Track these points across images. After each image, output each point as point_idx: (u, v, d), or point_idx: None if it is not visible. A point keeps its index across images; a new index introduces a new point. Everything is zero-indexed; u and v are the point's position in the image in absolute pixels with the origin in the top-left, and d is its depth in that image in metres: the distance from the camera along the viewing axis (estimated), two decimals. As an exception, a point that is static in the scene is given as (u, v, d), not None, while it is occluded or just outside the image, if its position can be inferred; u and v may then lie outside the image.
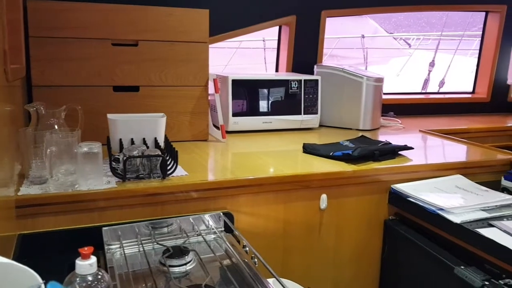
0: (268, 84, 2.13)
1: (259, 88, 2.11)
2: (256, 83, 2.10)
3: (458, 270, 1.28)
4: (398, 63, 6.04)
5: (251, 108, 2.09)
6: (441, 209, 1.42)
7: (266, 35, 4.52)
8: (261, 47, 4.21)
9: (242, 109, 2.07)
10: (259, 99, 2.11)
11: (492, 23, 2.85)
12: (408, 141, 2.04)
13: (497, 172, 1.78)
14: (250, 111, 2.09)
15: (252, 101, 2.10)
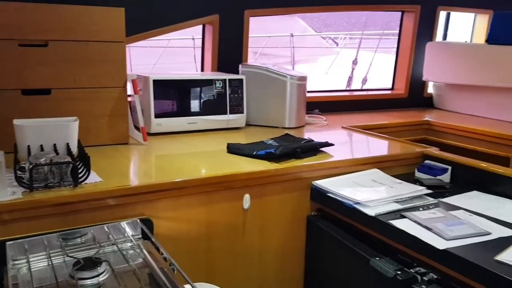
0: (193, 84, 2.09)
1: (183, 88, 2.07)
2: (179, 83, 2.06)
3: (373, 262, 1.33)
4: (326, 62, 6.24)
5: (175, 109, 2.05)
6: (358, 203, 1.47)
7: (196, 34, 4.45)
8: (191, 46, 4.17)
9: (166, 110, 2.02)
10: (183, 100, 2.07)
11: (408, 22, 3.00)
12: (331, 137, 2.09)
13: (411, 165, 1.87)
14: (174, 112, 2.05)
15: (176, 101, 2.06)
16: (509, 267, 1.10)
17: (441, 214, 1.41)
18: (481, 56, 2.73)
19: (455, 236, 1.25)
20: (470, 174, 1.74)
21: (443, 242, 1.23)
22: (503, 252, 1.17)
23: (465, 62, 2.80)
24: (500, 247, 1.20)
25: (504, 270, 1.09)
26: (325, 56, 6.56)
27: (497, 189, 1.64)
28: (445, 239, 1.24)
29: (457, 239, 1.25)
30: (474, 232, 1.28)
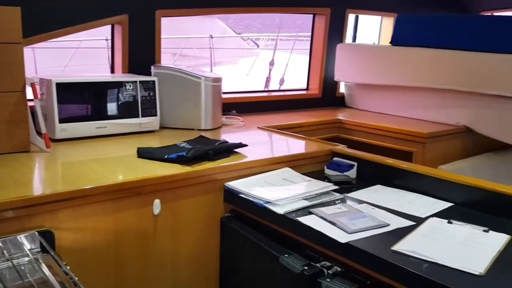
0: (101, 86, 2.01)
1: (90, 91, 1.98)
2: (87, 86, 1.98)
3: (282, 259, 1.36)
4: (247, 63, 6.31)
5: (83, 113, 1.96)
6: (268, 202, 1.50)
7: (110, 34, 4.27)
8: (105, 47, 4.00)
9: (72, 115, 1.92)
10: (91, 103, 1.99)
11: (319, 24, 3.12)
12: (247, 138, 2.11)
13: (321, 162, 1.94)
14: (82, 116, 1.95)
15: (84, 105, 1.97)
16: (403, 256, 1.18)
17: (345, 209, 1.48)
18: (386, 57, 2.90)
19: (357, 229, 1.32)
20: (374, 169, 1.84)
21: (345, 236, 1.28)
22: (399, 242, 1.24)
23: (373, 62, 2.96)
24: (397, 238, 1.28)
25: (399, 258, 1.16)
26: (246, 58, 6.63)
27: (399, 182, 1.75)
28: (347, 232, 1.30)
29: (359, 232, 1.31)
30: (374, 225, 1.36)
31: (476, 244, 1.24)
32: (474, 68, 2.48)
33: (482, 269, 1.10)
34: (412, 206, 1.54)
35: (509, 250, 1.22)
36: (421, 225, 1.37)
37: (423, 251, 1.18)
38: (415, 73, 2.71)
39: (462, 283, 1.05)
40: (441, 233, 1.31)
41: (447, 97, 2.63)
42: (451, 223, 1.38)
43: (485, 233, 1.31)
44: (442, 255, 1.16)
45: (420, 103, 2.77)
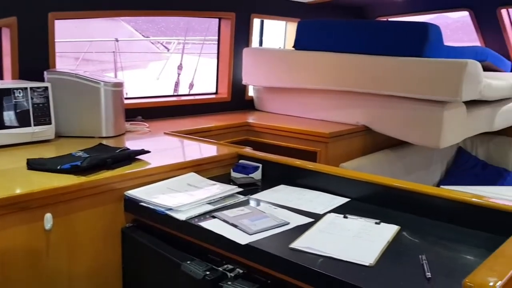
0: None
1: (-28, 100, 1.80)
2: (-32, 94, 1.80)
3: (184, 266, 1.33)
4: (157, 67, 6.18)
5: (-36, 123, 1.78)
6: (170, 208, 1.46)
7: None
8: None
9: (-49, 126, 1.74)
10: (-25, 113, 1.81)
11: (225, 29, 3.13)
12: (151, 144, 2.06)
13: (228, 165, 1.94)
14: (-37, 127, 1.77)
15: (-35, 115, 1.78)
16: (300, 253, 1.20)
17: (248, 210, 1.48)
18: (290, 61, 2.98)
19: (258, 230, 1.32)
20: (279, 170, 1.87)
21: (246, 237, 1.29)
22: (297, 240, 1.27)
23: (278, 66, 3.03)
24: (296, 235, 1.31)
25: (296, 255, 1.19)
26: (155, 62, 6.48)
27: (301, 181, 1.79)
28: (248, 234, 1.31)
29: (260, 232, 1.32)
30: (275, 224, 1.37)
31: (368, 236, 1.31)
32: (371, 70, 2.63)
33: (372, 260, 1.16)
34: (312, 204, 1.58)
35: (397, 240, 1.30)
36: (319, 221, 1.42)
37: (319, 246, 1.22)
38: (317, 76, 2.82)
39: (353, 275, 1.09)
40: (337, 228, 1.36)
41: (347, 98, 2.76)
42: (346, 217, 1.44)
43: (376, 225, 1.39)
44: (336, 249, 1.20)
45: (322, 104, 2.88)
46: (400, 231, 1.36)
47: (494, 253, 1.04)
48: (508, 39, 3.79)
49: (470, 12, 3.71)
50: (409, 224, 1.41)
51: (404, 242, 1.30)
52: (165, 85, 4.34)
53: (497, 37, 3.80)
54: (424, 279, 1.08)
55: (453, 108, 2.46)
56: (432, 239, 1.33)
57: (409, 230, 1.37)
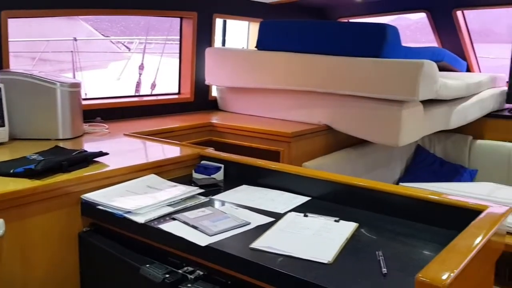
0: None
1: None
2: None
3: (142, 270, 1.31)
4: (118, 67, 6.05)
5: None
6: (128, 211, 1.43)
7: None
8: None
9: None
10: None
11: (187, 28, 3.10)
12: (111, 146, 2.01)
13: (189, 166, 1.92)
14: None
15: None
16: (260, 252, 1.21)
17: (209, 212, 1.47)
18: (252, 61, 2.99)
19: (218, 231, 1.32)
20: (241, 170, 1.87)
21: (206, 239, 1.28)
22: (257, 240, 1.27)
23: (240, 66, 3.03)
24: (257, 235, 1.31)
25: (256, 255, 1.19)
26: (116, 62, 6.35)
27: (263, 181, 1.80)
28: (208, 235, 1.30)
29: (220, 233, 1.31)
30: (235, 224, 1.37)
31: (328, 234, 1.32)
32: (331, 71, 2.67)
33: (330, 257, 1.17)
34: (273, 203, 1.59)
35: (356, 237, 1.32)
36: (280, 220, 1.42)
37: (279, 245, 1.22)
38: (279, 76, 2.84)
39: (311, 273, 1.10)
40: (297, 227, 1.37)
41: (309, 98, 2.79)
42: (306, 216, 1.45)
43: (336, 223, 1.41)
44: (295, 248, 1.21)
45: (285, 104, 2.90)
46: (359, 228, 1.38)
47: (447, 247, 1.07)
48: (463, 40, 3.94)
49: (427, 13, 3.83)
50: (367, 221, 1.43)
51: (362, 238, 1.33)
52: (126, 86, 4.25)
53: (453, 38, 3.94)
54: (380, 275, 1.10)
55: (411, 107, 2.53)
56: (389, 235, 1.36)
57: (367, 227, 1.39)
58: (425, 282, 0.91)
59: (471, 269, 1.04)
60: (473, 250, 1.04)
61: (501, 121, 3.44)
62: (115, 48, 6.62)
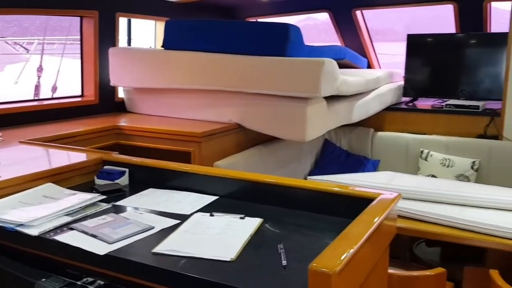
0: None
1: None
2: None
3: (38, 284, 1.23)
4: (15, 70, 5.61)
5: None
6: (20, 224, 1.33)
7: None
8: None
9: None
10: None
11: (88, 27, 2.96)
12: (3, 155, 1.87)
13: (91, 172, 1.83)
14: None
15: None
16: (163, 256, 1.18)
17: (110, 219, 1.41)
18: (159, 61, 2.93)
19: (119, 238, 1.27)
20: (147, 173, 1.82)
21: (105, 247, 1.23)
22: (161, 243, 1.25)
23: (147, 66, 2.96)
24: (161, 239, 1.28)
25: (158, 260, 1.17)
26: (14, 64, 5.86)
27: (171, 183, 1.77)
28: (108, 243, 1.25)
29: (121, 240, 1.27)
30: (138, 230, 1.33)
31: (232, 232, 1.33)
32: (238, 70, 2.69)
33: (233, 255, 1.18)
34: (180, 205, 1.57)
35: (260, 232, 1.35)
36: (185, 222, 1.41)
37: (182, 248, 1.21)
38: (187, 76, 2.81)
39: (214, 272, 1.10)
40: (202, 227, 1.37)
41: (218, 97, 2.80)
42: (212, 215, 1.45)
43: (241, 220, 1.42)
44: (199, 249, 1.21)
45: (195, 104, 2.88)
46: (263, 223, 1.41)
47: (339, 236, 1.13)
48: (363, 38, 4.18)
49: (330, 13, 4.01)
50: (272, 216, 1.47)
51: (266, 233, 1.36)
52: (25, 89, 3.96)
53: (354, 36, 4.17)
54: (281, 267, 1.13)
55: (315, 103, 2.63)
56: (292, 228, 1.40)
57: (271, 221, 1.43)
58: (318, 271, 0.95)
59: (363, 253, 1.11)
60: (363, 236, 1.11)
61: (399, 114, 3.70)
62: (11, 49, 6.12)
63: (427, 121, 3.57)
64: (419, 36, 3.83)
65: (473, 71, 3.62)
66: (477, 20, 3.65)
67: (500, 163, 3.16)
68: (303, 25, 4.70)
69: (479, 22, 3.67)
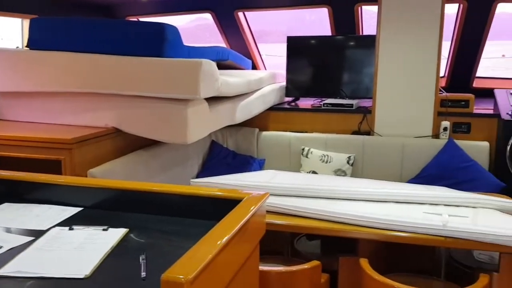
0: None
1: None
2: None
3: None
4: None
5: None
6: None
7: None
8: None
9: None
10: None
11: None
12: None
13: None
14: None
15: None
16: (6, 279, 1.07)
17: None
18: (24, 62, 2.68)
19: (-46, 264, 1.12)
20: (3, 187, 1.64)
21: None
22: (5, 265, 1.12)
23: (11, 68, 2.69)
24: (7, 260, 1.15)
25: (2, 284, 1.05)
26: None
27: (31, 196, 1.62)
28: None
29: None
30: (-19, 252, 1.19)
31: (93, 245, 1.25)
32: (114, 71, 2.56)
33: (88, 271, 1.10)
34: (38, 220, 1.44)
35: (123, 243, 1.28)
36: (40, 238, 1.29)
37: (30, 268, 1.10)
38: (56, 78, 2.61)
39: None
40: (58, 243, 1.26)
41: (92, 100, 2.64)
42: (72, 229, 1.35)
43: (104, 231, 1.34)
44: (50, 267, 1.11)
45: (67, 108, 2.69)
46: (128, 233, 1.35)
47: (200, 240, 1.11)
48: (247, 39, 4.26)
49: (212, 14, 4.02)
50: (138, 224, 1.41)
51: (130, 244, 1.29)
52: None
53: (238, 37, 4.23)
54: (140, 280, 1.08)
55: (196, 105, 2.60)
56: (158, 235, 1.36)
57: (137, 230, 1.37)
58: (170, 281, 0.92)
59: (224, 256, 1.10)
60: (223, 238, 1.10)
61: (282, 113, 3.82)
62: None
63: (308, 120, 3.73)
64: (298, 38, 3.99)
65: (348, 71, 3.87)
66: (350, 23, 3.91)
67: (372, 157, 3.41)
68: (196, 25, 4.66)
69: (352, 25, 3.93)
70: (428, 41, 3.25)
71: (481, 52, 3.76)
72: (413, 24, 3.26)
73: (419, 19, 3.25)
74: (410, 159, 3.29)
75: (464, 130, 3.33)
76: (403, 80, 3.36)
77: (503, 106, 3.21)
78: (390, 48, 3.36)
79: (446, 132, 3.32)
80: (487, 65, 13.23)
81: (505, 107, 3.18)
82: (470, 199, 2.31)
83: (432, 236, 2.05)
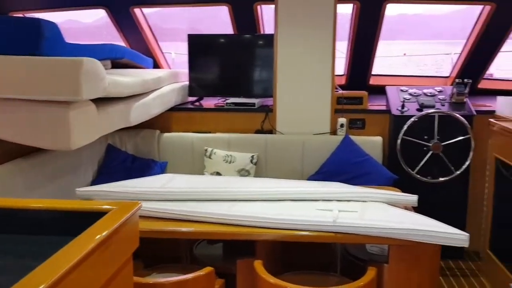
0: None
1: None
2: None
3: None
4: None
5: None
6: None
7: None
8: None
9: None
10: None
11: None
12: None
13: None
14: None
15: None
16: None
17: None
18: None
19: None
20: None
21: None
22: None
23: None
24: None
25: None
26: None
27: None
28: None
29: None
30: None
31: None
32: (-18, 71, 2.28)
33: None
34: None
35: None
36: None
37: None
38: None
39: None
40: None
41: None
42: None
43: None
44: None
45: None
46: None
47: (49, 259, 0.97)
48: (147, 37, 4.08)
49: (106, 10, 3.78)
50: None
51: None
52: None
53: (137, 35, 4.03)
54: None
55: (80, 107, 2.40)
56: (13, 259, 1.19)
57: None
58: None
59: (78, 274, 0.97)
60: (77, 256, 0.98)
61: (184, 114, 3.69)
62: None
63: (211, 120, 3.65)
64: (199, 36, 3.90)
65: (250, 70, 3.84)
66: (251, 22, 3.89)
67: (275, 155, 3.41)
68: (100, 24, 4.37)
69: (253, 24, 3.91)
70: (322, 41, 3.31)
71: (375, 50, 3.93)
72: (308, 24, 3.31)
73: (313, 18, 3.30)
74: (310, 156, 3.34)
75: (359, 126, 3.44)
76: (301, 78, 3.40)
77: (393, 102, 3.36)
78: (288, 48, 3.38)
79: (343, 129, 3.42)
80: (390, 63, 14.00)
81: (395, 103, 3.34)
82: (360, 193, 2.37)
83: (323, 232, 2.06)
